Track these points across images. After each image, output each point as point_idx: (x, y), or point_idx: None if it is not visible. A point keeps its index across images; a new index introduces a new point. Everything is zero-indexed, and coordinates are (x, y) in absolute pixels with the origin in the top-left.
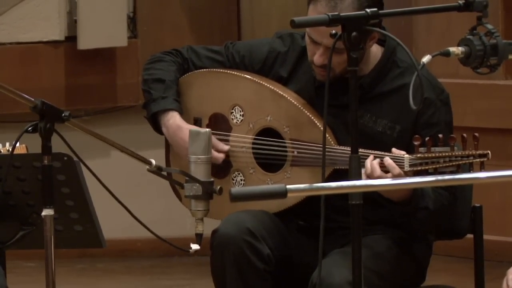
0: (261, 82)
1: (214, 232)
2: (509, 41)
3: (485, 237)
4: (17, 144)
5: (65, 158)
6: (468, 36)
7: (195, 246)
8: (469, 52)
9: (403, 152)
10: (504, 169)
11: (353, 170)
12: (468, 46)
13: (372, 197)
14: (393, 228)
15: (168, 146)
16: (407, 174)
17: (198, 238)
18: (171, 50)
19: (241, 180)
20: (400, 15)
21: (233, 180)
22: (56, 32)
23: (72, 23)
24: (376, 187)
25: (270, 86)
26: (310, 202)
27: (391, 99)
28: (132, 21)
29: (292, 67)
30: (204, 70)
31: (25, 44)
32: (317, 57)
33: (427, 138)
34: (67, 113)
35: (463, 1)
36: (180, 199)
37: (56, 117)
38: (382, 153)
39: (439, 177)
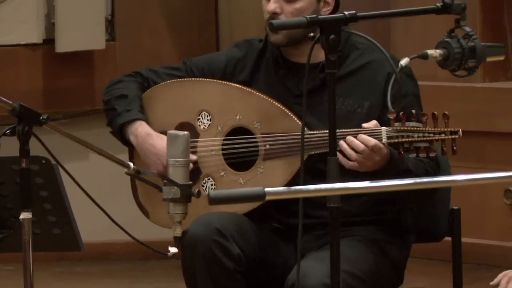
0: (227, 83)
1: (184, 233)
2: (487, 43)
3: (463, 239)
4: None
5: (43, 161)
6: (446, 39)
7: (173, 249)
8: (447, 54)
9: (373, 122)
10: (482, 172)
11: (331, 172)
12: (446, 48)
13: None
14: (371, 226)
15: (132, 157)
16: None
17: (177, 241)
18: (130, 73)
19: (212, 185)
20: (378, 18)
21: (203, 186)
22: (34, 35)
23: (50, 26)
24: (355, 190)
25: (237, 85)
26: (286, 200)
27: (356, 77)
28: (110, 24)
29: (253, 68)
30: (167, 82)
31: (3, 47)
32: (270, 5)
33: (401, 113)
34: (45, 116)
35: (441, 4)
36: (148, 217)
37: (34, 120)
38: (357, 130)
39: (418, 180)
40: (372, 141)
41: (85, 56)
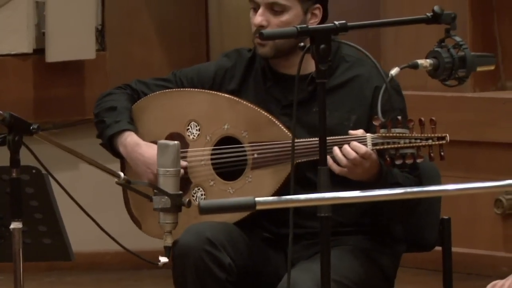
0: (215, 92)
1: (175, 242)
2: (477, 53)
3: (454, 249)
4: None
5: (34, 171)
6: (436, 49)
7: (163, 259)
8: (437, 64)
9: (360, 131)
10: (472, 181)
11: (322, 182)
12: (437, 58)
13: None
14: (359, 237)
15: (124, 167)
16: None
17: (167, 251)
18: (119, 86)
19: (202, 195)
20: (369, 27)
21: (193, 196)
22: (24, 44)
23: (40, 36)
24: (345, 199)
25: (225, 95)
26: (276, 210)
27: (344, 91)
28: (101, 34)
29: (241, 78)
30: (156, 93)
31: None
32: (256, 17)
33: (387, 120)
34: (35, 126)
35: (432, 14)
36: (140, 228)
37: (24, 130)
38: (343, 137)
39: (408, 189)
40: (363, 148)
41: (75, 65)
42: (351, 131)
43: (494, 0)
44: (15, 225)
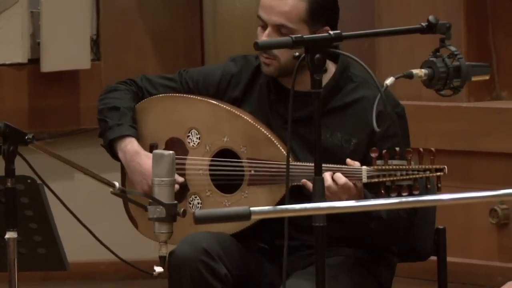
0: (216, 103)
1: (171, 253)
2: (472, 63)
3: (449, 259)
4: None
5: (29, 180)
6: (431, 58)
7: (158, 269)
8: (432, 74)
9: (357, 163)
10: (467, 191)
11: (317, 192)
12: (431, 68)
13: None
14: (355, 248)
15: (124, 172)
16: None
17: (162, 261)
18: (125, 80)
19: (198, 203)
20: (363, 37)
21: (190, 204)
22: (19, 54)
23: (35, 46)
24: (339, 209)
25: (226, 107)
26: (271, 221)
27: (347, 112)
28: (96, 44)
29: (246, 86)
30: (160, 95)
31: None
32: (262, 38)
33: (384, 151)
34: (30, 136)
35: (426, 23)
36: (137, 227)
37: (19, 140)
38: (339, 166)
39: (403, 199)
40: (342, 179)
41: (70, 75)
42: (348, 160)
43: (489, 10)
44: (10, 235)
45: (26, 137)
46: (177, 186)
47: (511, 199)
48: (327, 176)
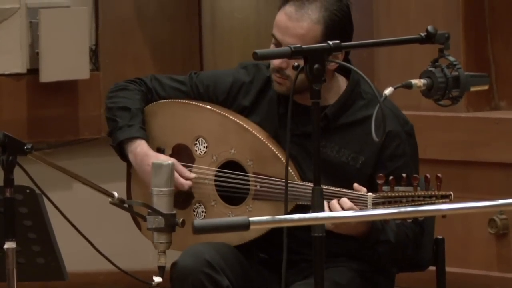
0: (226, 114)
1: (174, 264)
2: (471, 73)
3: (447, 269)
4: None
5: (28, 190)
6: (430, 68)
7: (157, 279)
8: (431, 84)
9: (364, 189)
10: (466, 201)
11: (316, 202)
12: (430, 78)
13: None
14: (356, 261)
15: (129, 175)
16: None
17: (161, 271)
18: (134, 79)
19: (202, 212)
20: (362, 47)
21: (194, 211)
22: (18, 64)
23: (34, 56)
24: (338, 219)
25: (235, 119)
26: (273, 235)
27: (355, 130)
28: (94, 54)
29: (255, 97)
30: (169, 100)
31: None
32: (275, 60)
33: (390, 177)
34: (29, 146)
35: (425, 34)
36: (140, 229)
37: (18, 150)
38: (345, 190)
39: (402, 209)
40: (347, 204)
41: (69, 85)
42: (356, 185)
43: (487, 20)
44: (8, 245)
45: (25, 147)
46: (189, 183)
47: (510, 209)
48: (334, 203)
